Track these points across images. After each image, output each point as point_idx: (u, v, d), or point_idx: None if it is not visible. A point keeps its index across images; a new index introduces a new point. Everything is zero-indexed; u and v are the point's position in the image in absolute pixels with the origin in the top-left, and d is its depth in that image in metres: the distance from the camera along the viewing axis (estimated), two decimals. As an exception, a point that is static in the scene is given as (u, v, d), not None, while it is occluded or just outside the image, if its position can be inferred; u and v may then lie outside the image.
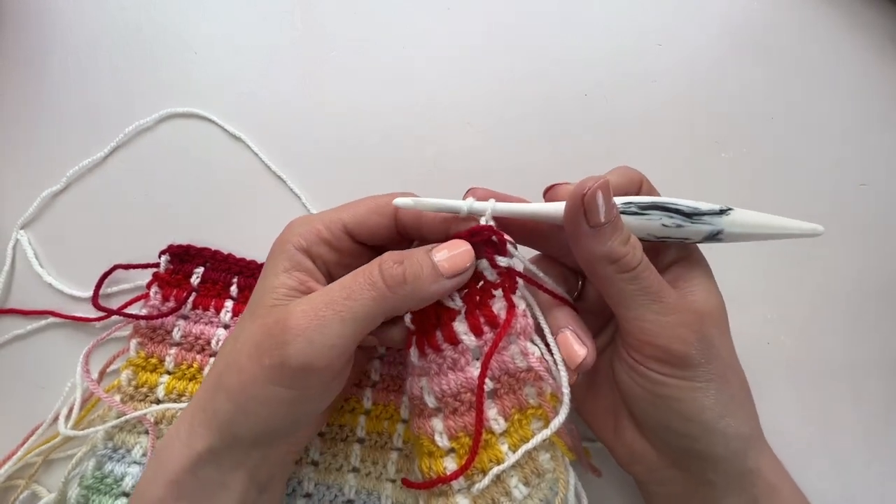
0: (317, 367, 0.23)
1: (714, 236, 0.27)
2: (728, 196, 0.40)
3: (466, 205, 0.27)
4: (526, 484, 0.27)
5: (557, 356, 0.27)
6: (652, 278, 0.26)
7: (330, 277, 0.28)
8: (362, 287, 0.24)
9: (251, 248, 0.37)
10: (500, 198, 0.27)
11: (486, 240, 0.26)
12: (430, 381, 0.27)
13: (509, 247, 0.27)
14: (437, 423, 0.27)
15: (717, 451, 0.27)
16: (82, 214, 0.38)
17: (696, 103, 0.41)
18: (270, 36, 0.41)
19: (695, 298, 0.27)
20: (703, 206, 0.27)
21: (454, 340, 0.26)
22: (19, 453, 0.34)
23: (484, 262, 0.27)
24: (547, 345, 0.28)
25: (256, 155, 0.39)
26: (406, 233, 0.28)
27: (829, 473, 0.36)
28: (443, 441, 0.27)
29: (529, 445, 0.26)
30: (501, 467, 0.26)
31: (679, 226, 0.26)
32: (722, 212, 0.26)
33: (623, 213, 0.26)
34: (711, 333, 0.26)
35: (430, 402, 0.27)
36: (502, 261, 0.27)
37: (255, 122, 0.40)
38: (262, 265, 0.36)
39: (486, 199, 0.27)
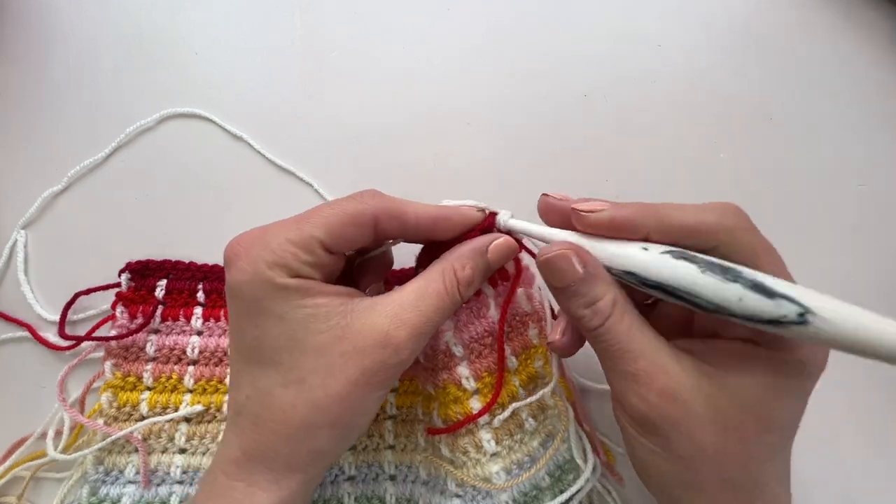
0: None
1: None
2: (726, 197, 0.40)
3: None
4: (534, 418, 0.31)
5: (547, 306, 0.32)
6: (616, 341, 0.24)
7: None
8: (450, 305, 0.26)
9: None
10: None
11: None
12: (455, 333, 0.30)
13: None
14: (464, 370, 0.30)
15: None
16: (84, 214, 0.38)
17: (695, 103, 0.41)
18: (271, 36, 0.41)
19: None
20: (765, 311, 0.20)
21: (477, 293, 0.30)
22: (6, 464, 0.33)
23: None
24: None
25: (259, 153, 0.39)
26: (387, 238, 0.28)
27: (830, 473, 0.36)
28: (470, 384, 0.30)
29: (548, 389, 0.30)
30: (520, 403, 0.30)
31: (684, 308, 0.23)
32: (797, 322, 0.19)
33: (621, 278, 0.25)
34: (677, 418, 0.23)
35: (458, 351, 0.30)
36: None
37: (255, 123, 0.40)
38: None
39: (564, 199, 0.27)
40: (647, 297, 0.28)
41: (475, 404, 0.29)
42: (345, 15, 0.42)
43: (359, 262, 0.31)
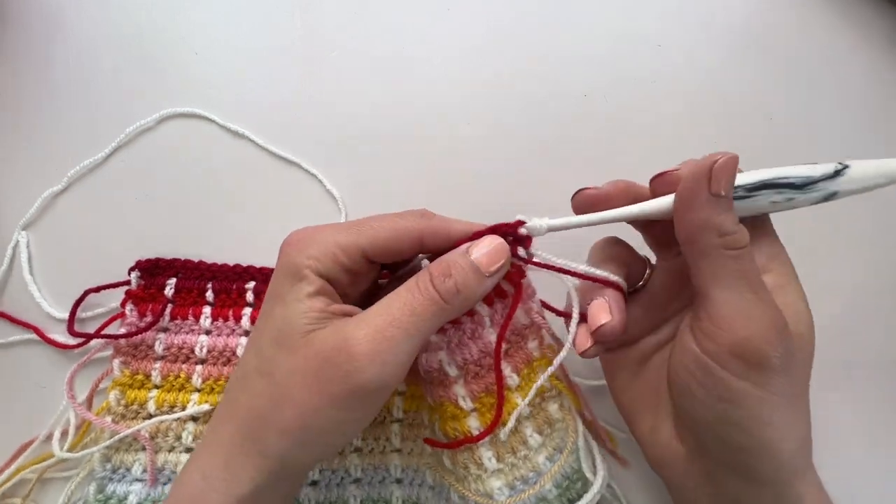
0: (390, 386, 0.24)
1: (828, 198, 0.26)
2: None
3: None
4: (539, 433, 0.30)
5: (576, 308, 0.29)
6: (754, 266, 0.25)
7: (344, 297, 0.27)
8: (423, 303, 0.24)
9: (252, 246, 0.37)
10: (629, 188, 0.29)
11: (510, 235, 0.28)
12: (448, 353, 0.28)
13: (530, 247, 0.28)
14: (460, 389, 0.29)
15: (766, 474, 0.25)
16: (84, 215, 0.38)
17: (695, 103, 0.41)
18: (271, 36, 0.41)
19: (789, 312, 0.25)
20: (817, 171, 0.26)
21: (471, 312, 0.28)
22: (12, 468, 0.33)
23: None
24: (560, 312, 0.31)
25: (262, 148, 0.39)
26: (430, 254, 0.28)
27: (830, 473, 0.36)
28: (467, 404, 0.29)
29: (539, 382, 0.29)
30: (517, 411, 0.28)
31: (790, 199, 0.26)
32: (837, 173, 0.25)
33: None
34: (795, 349, 0.24)
35: (452, 371, 0.29)
36: (522, 252, 0.28)
37: (255, 123, 0.40)
38: (235, 267, 0.36)
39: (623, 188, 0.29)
40: (641, 277, 0.31)
41: (473, 423, 0.28)
42: (345, 15, 0.42)
43: (393, 277, 0.31)
